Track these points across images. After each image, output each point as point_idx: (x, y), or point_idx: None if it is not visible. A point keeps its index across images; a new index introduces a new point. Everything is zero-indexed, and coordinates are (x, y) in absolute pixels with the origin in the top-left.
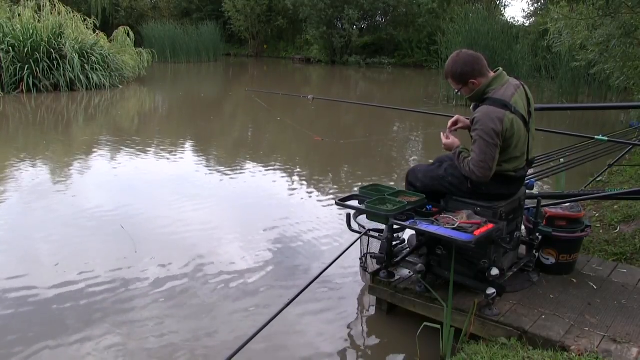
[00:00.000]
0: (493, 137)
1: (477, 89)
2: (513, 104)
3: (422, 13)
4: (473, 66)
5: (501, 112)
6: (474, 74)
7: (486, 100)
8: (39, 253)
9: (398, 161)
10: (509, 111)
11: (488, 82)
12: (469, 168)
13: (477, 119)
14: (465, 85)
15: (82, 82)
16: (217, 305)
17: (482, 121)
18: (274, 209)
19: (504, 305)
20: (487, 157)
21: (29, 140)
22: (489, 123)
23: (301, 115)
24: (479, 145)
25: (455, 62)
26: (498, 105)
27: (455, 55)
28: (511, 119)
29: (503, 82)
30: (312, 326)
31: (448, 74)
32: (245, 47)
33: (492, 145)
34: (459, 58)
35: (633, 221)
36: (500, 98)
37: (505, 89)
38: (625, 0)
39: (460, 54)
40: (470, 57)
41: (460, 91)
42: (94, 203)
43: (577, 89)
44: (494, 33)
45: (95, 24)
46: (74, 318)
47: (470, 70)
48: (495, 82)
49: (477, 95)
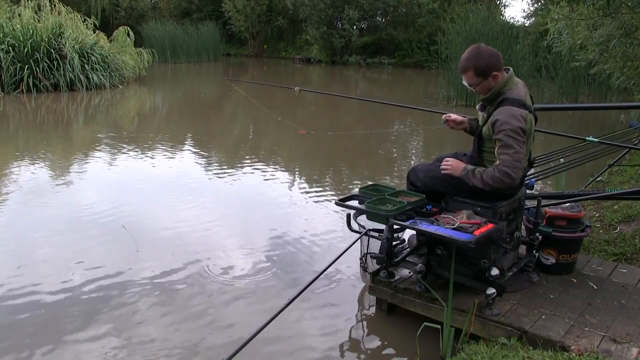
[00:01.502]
0: (521, 135)
1: (495, 87)
2: (529, 104)
3: (422, 13)
4: (498, 59)
5: (524, 112)
6: (497, 66)
7: (504, 100)
8: (40, 253)
9: (398, 161)
10: (527, 111)
11: (504, 82)
12: (497, 174)
13: (502, 121)
14: (486, 79)
15: (82, 82)
16: (217, 306)
17: (507, 122)
18: (274, 208)
19: (504, 305)
20: (520, 156)
21: (29, 140)
22: (515, 122)
23: (301, 115)
24: (510, 144)
25: (478, 53)
26: (518, 104)
27: (476, 47)
28: (530, 118)
29: (515, 82)
30: (312, 326)
31: (469, 67)
32: (245, 47)
33: (522, 143)
34: (481, 50)
35: (633, 221)
36: (518, 98)
37: (519, 88)
38: (625, 0)
39: (480, 46)
40: (492, 50)
41: (476, 87)
42: (95, 203)
43: (577, 89)
44: (494, 33)
45: (95, 24)
46: (74, 317)
47: (495, 62)
48: (510, 82)
49: (494, 94)
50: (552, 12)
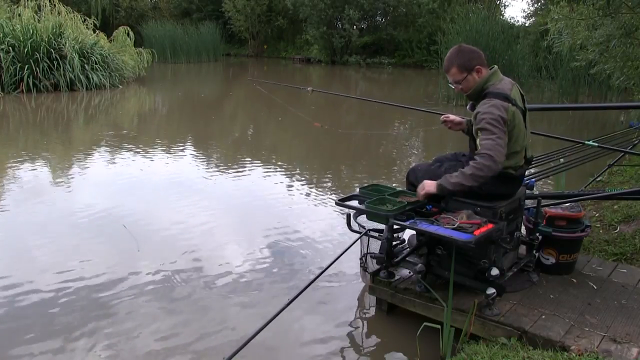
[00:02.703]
0: (501, 123)
1: (478, 83)
2: (513, 98)
3: (422, 13)
4: (479, 54)
5: (505, 104)
6: (480, 60)
7: (486, 95)
8: (40, 252)
9: (398, 161)
10: (510, 103)
11: (486, 78)
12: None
13: (482, 112)
14: (470, 74)
15: (82, 82)
16: (217, 306)
17: (487, 111)
18: (275, 208)
19: (504, 305)
20: (501, 142)
21: (29, 140)
22: (495, 111)
23: (301, 115)
24: (490, 130)
25: (460, 51)
26: (500, 97)
27: (457, 47)
28: (513, 110)
29: (499, 78)
30: (312, 326)
31: (452, 65)
32: (245, 47)
33: (503, 131)
34: (462, 48)
35: (633, 221)
36: (500, 91)
37: (503, 83)
38: (625, 0)
39: (462, 45)
40: (474, 48)
41: (460, 84)
42: (95, 202)
43: (577, 89)
44: (494, 33)
45: (95, 24)
46: (74, 316)
47: (477, 56)
48: (493, 78)
49: (477, 90)
50: (552, 12)
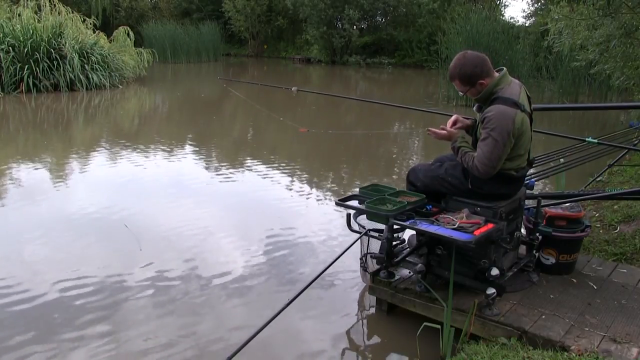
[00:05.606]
0: (505, 137)
1: (485, 89)
2: (522, 103)
3: (422, 13)
4: (482, 67)
5: (513, 111)
6: (482, 74)
7: (496, 99)
8: (41, 252)
9: (398, 161)
10: (519, 110)
11: (495, 82)
12: (472, 163)
13: (490, 118)
14: (473, 87)
15: (82, 82)
16: (217, 306)
17: (495, 120)
18: (274, 209)
19: (504, 305)
20: (494, 157)
21: (29, 140)
22: (502, 122)
23: (301, 115)
24: (489, 144)
25: (463, 64)
26: (509, 104)
27: (461, 56)
28: (521, 117)
29: (508, 81)
30: (312, 326)
31: (455, 76)
32: (245, 47)
33: (502, 145)
34: (465, 60)
35: (633, 221)
36: (510, 97)
37: (512, 87)
38: (625, 0)
39: (466, 55)
40: (476, 58)
41: (466, 93)
42: (95, 202)
43: (578, 89)
44: (494, 33)
45: (95, 24)
46: (75, 316)
47: (479, 72)
48: (502, 82)
49: (485, 95)
50: (552, 12)
